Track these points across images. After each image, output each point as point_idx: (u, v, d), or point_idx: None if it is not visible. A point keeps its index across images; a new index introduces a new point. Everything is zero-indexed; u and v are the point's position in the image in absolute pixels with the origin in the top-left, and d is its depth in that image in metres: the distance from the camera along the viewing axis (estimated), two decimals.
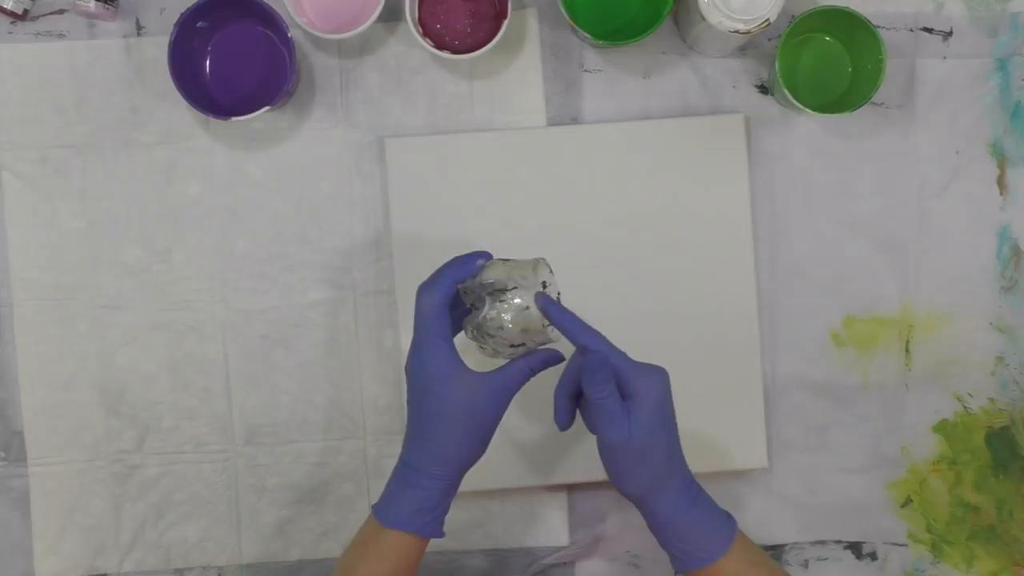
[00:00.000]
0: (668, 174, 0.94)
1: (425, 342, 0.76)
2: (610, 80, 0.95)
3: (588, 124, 0.95)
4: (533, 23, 0.94)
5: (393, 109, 0.95)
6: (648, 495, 0.76)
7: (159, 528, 0.95)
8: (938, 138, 0.95)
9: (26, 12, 0.93)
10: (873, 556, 0.96)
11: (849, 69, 0.93)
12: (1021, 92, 0.95)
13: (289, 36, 0.89)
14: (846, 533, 0.97)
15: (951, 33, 0.95)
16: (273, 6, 0.89)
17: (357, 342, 0.95)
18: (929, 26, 0.95)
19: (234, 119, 0.88)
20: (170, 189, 0.95)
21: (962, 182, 0.96)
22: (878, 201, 0.96)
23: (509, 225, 0.93)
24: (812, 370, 0.96)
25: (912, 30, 0.95)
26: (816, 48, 0.94)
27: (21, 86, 0.94)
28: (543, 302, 0.76)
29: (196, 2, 0.88)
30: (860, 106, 0.89)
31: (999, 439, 0.96)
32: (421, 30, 0.91)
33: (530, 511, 0.96)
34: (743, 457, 0.94)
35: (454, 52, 0.90)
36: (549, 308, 0.76)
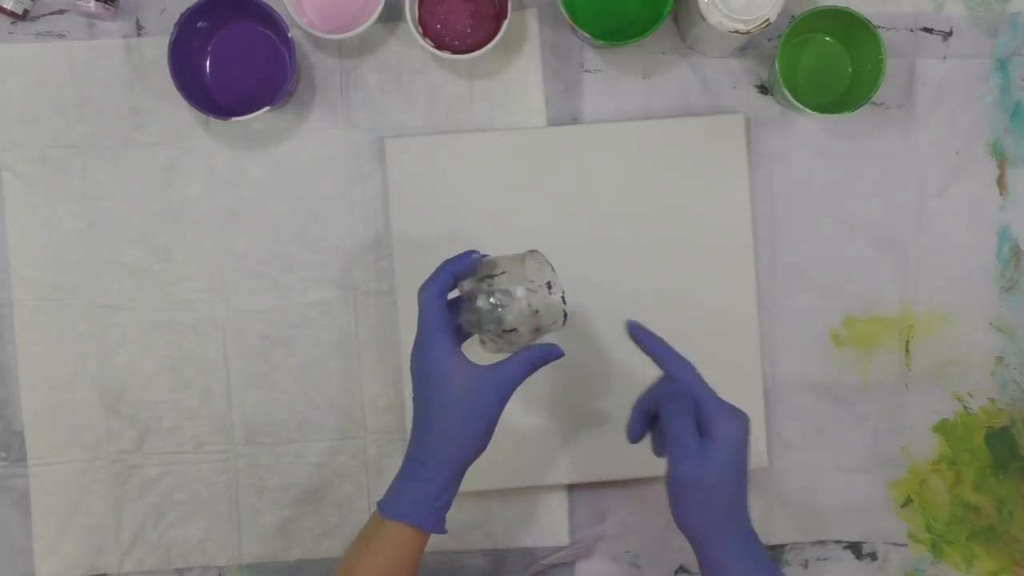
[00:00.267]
0: (668, 174, 0.94)
1: (425, 335, 0.76)
2: (610, 80, 0.95)
3: (588, 124, 0.95)
4: (533, 23, 0.94)
5: (393, 109, 0.95)
6: (707, 537, 0.74)
7: (159, 528, 0.95)
8: (938, 138, 0.95)
9: (26, 12, 0.93)
10: (873, 556, 0.96)
11: (849, 69, 0.93)
12: (1021, 92, 0.95)
13: (289, 36, 0.89)
14: (846, 533, 0.97)
15: (951, 33, 0.95)
16: (273, 6, 0.89)
17: (357, 342, 0.95)
18: (929, 26, 0.95)
19: (234, 119, 0.88)
20: (170, 189, 0.95)
21: (962, 182, 0.96)
22: (878, 201, 0.96)
23: (509, 225, 0.93)
24: (812, 370, 0.96)
25: (912, 30, 0.95)
26: (816, 48, 0.94)
27: (21, 86, 0.94)
28: (633, 329, 0.74)
29: (196, 2, 0.88)
30: (860, 106, 0.89)
31: (999, 439, 0.96)
32: (421, 30, 0.91)
33: (530, 511, 0.96)
34: None
35: (454, 52, 0.90)
36: (639, 333, 0.75)
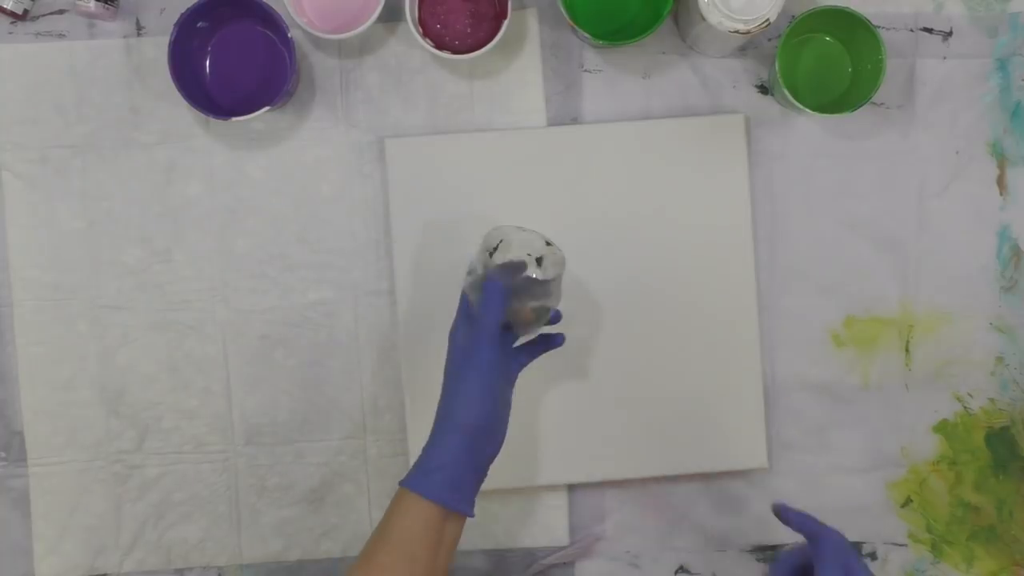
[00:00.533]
0: (668, 174, 0.94)
1: (484, 325, 0.77)
2: (610, 80, 0.95)
3: (588, 124, 0.95)
4: (533, 23, 0.94)
5: (393, 109, 0.95)
6: None
7: (159, 528, 0.95)
8: (938, 138, 0.95)
9: (26, 12, 0.93)
10: (873, 556, 0.96)
11: (849, 69, 0.93)
12: (1021, 92, 0.95)
13: (289, 36, 0.89)
14: (846, 533, 0.96)
15: (951, 33, 0.95)
16: (273, 6, 0.89)
17: (357, 342, 0.95)
18: (929, 26, 0.95)
19: (234, 119, 0.88)
20: (170, 189, 0.95)
21: (962, 182, 0.96)
22: (878, 201, 0.96)
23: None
24: (812, 370, 0.96)
25: (912, 30, 0.95)
26: (816, 48, 0.94)
27: (21, 86, 0.94)
28: (783, 512, 0.78)
29: (196, 2, 0.88)
30: (860, 106, 0.89)
31: (999, 439, 0.96)
32: (421, 30, 0.91)
33: (530, 511, 0.95)
34: (743, 457, 0.94)
35: (454, 52, 0.90)
36: (789, 516, 0.78)
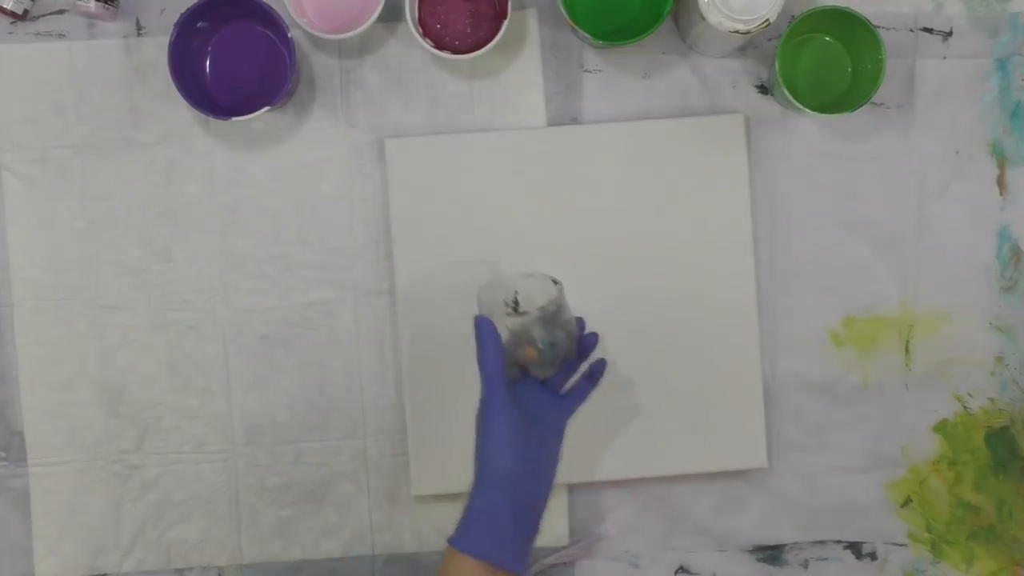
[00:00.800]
0: (668, 174, 0.94)
1: (495, 400, 0.78)
2: (610, 80, 0.95)
3: (588, 124, 0.95)
4: (533, 23, 0.94)
5: (393, 109, 0.95)
6: None
7: (159, 528, 0.95)
8: (938, 138, 0.95)
9: (26, 12, 0.93)
10: (873, 556, 0.96)
11: (849, 69, 0.93)
12: (1021, 92, 0.95)
13: (289, 36, 0.89)
14: (846, 533, 0.97)
15: (951, 33, 0.95)
16: (273, 6, 0.89)
17: (357, 342, 0.95)
18: (929, 26, 0.95)
19: (234, 119, 0.88)
20: (170, 189, 0.95)
21: (962, 182, 0.96)
22: (878, 201, 0.96)
23: (509, 225, 0.93)
24: (812, 370, 0.96)
25: (912, 30, 0.95)
26: (816, 48, 0.94)
27: (21, 86, 0.94)
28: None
29: (196, 2, 0.88)
30: (860, 106, 0.89)
31: (999, 439, 0.96)
32: (421, 30, 0.91)
33: None
34: (743, 457, 0.94)
35: (454, 52, 0.90)
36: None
